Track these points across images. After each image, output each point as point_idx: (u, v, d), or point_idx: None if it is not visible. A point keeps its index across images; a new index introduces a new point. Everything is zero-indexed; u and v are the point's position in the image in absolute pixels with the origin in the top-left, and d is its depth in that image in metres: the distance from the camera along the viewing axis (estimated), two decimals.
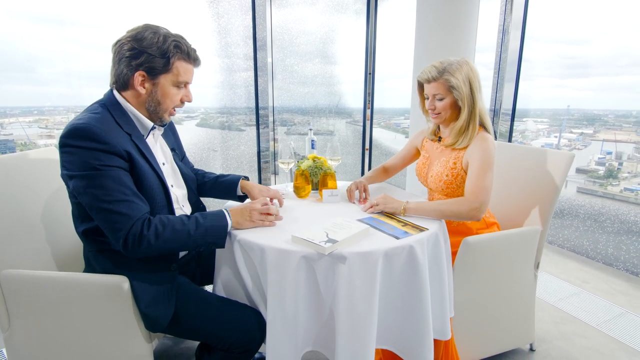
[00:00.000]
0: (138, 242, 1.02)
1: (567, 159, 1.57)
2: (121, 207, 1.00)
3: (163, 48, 1.07)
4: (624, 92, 3.02)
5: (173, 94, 1.14)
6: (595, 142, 3.23)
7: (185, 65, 1.13)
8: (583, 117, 3.37)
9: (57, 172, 1.47)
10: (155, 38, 1.07)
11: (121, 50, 1.07)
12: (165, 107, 1.15)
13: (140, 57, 1.06)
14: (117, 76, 1.11)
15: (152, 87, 1.11)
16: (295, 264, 1.08)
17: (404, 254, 1.13)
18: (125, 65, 1.08)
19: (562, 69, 3.25)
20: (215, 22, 3.03)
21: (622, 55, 2.94)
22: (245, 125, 3.48)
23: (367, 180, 1.65)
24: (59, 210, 1.41)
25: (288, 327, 1.10)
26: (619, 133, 3.10)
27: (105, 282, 1.10)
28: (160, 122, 1.18)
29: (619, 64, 2.97)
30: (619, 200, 2.83)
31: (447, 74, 1.42)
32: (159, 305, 1.12)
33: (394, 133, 4.99)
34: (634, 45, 2.83)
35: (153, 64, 1.07)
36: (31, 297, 1.15)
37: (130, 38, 1.07)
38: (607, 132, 3.18)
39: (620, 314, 2.03)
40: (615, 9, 2.91)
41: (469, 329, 1.52)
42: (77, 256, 1.43)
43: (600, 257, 2.67)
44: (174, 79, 1.12)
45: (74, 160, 1.00)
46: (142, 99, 1.12)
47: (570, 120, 3.38)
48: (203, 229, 1.10)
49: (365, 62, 4.22)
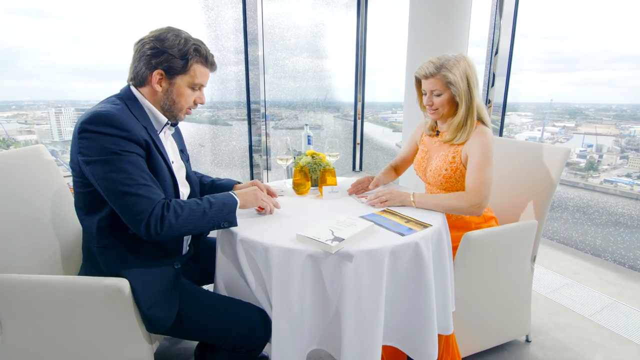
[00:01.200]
0: (160, 223, 1.03)
1: (563, 154, 1.59)
2: (142, 190, 1.02)
3: (183, 50, 1.11)
4: (604, 87, 3.13)
5: (188, 94, 1.17)
6: (577, 135, 3.33)
7: (202, 69, 1.16)
8: (565, 110, 3.46)
9: (46, 170, 1.44)
10: (177, 40, 1.10)
11: (142, 49, 1.10)
12: (180, 106, 1.18)
13: (161, 57, 1.09)
14: (135, 73, 1.13)
15: (169, 87, 1.14)
16: (301, 263, 1.06)
17: (409, 251, 1.13)
18: (145, 63, 1.10)
19: (545, 63, 3.32)
20: (205, 14, 2.96)
21: (602, 51, 3.04)
22: (233, 120, 3.42)
23: (378, 179, 1.64)
24: (52, 208, 1.36)
25: (294, 326, 1.08)
26: (600, 126, 3.19)
27: (105, 285, 1.06)
28: (175, 119, 1.21)
29: (600, 59, 3.07)
30: (600, 192, 2.91)
31: (445, 70, 1.41)
32: (162, 307, 1.09)
33: (381, 127, 5.01)
34: (613, 42, 2.94)
35: (172, 64, 1.11)
36: (24, 301, 1.10)
37: (153, 38, 1.10)
38: (588, 125, 3.28)
39: (610, 304, 2.08)
40: (595, 6, 2.99)
41: (468, 322, 1.53)
42: (69, 255, 1.39)
43: (589, 249, 2.73)
44: (190, 81, 1.15)
45: (92, 145, 1.00)
46: (158, 97, 1.15)
47: (553, 114, 3.46)
48: (216, 207, 1.13)
49: (356, 57, 4.21)
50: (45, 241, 1.33)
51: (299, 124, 3.97)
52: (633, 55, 2.86)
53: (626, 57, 2.92)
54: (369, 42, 4.16)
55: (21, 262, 1.20)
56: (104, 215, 1.09)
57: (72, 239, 1.46)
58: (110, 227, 1.10)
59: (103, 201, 1.07)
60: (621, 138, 3.09)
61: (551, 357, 1.68)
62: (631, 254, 2.51)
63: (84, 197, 1.10)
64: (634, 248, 2.52)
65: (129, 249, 1.12)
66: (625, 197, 2.83)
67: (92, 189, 1.07)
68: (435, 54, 1.48)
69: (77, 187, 1.11)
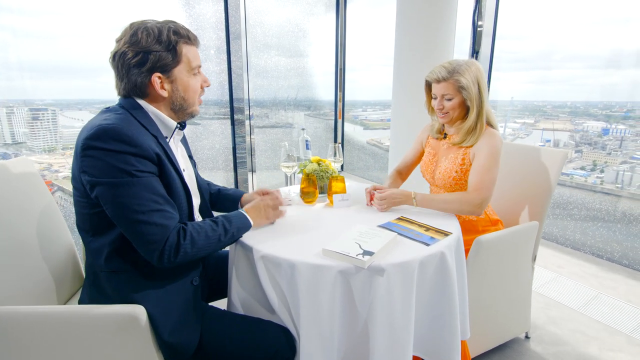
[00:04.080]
0: (175, 252, 0.96)
1: (561, 157, 1.64)
2: (156, 217, 0.93)
3: (163, 40, 0.98)
4: (559, 85, 3.35)
5: (192, 83, 1.07)
6: (536, 131, 3.53)
7: (191, 49, 1.05)
8: (525, 108, 3.65)
9: (31, 186, 1.30)
10: (150, 34, 0.97)
11: (125, 61, 0.98)
12: (191, 100, 1.08)
13: (149, 59, 0.98)
14: (130, 87, 1.01)
15: (172, 85, 1.03)
16: (332, 280, 1.02)
17: (435, 261, 1.12)
18: (137, 74, 0.99)
19: (504, 62, 3.48)
20: (185, 11, 2.81)
21: (556, 51, 3.25)
22: (213, 119, 3.29)
23: (389, 186, 1.63)
24: (38, 228, 1.23)
25: (324, 345, 1.04)
26: (557, 122, 3.40)
27: (118, 313, 0.97)
28: (191, 116, 1.11)
29: (554, 58, 3.28)
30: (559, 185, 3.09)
31: (457, 75, 1.42)
32: (184, 331, 1.02)
33: (352, 125, 5.05)
34: (565, 42, 3.16)
35: (163, 61, 0.99)
36: (20, 338, 0.98)
37: (128, 44, 0.97)
38: (546, 121, 3.49)
39: (595, 296, 2.20)
40: (547, 9, 3.20)
41: (476, 324, 1.55)
42: (61, 280, 1.27)
43: (569, 243, 2.88)
44: (187, 68, 1.04)
45: (99, 165, 0.90)
46: (166, 102, 1.05)
47: (514, 111, 3.64)
48: (231, 233, 1.09)
49: (336, 56, 4.19)
50: (33, 266, 1.20)
51: (282, 123, 3.90)
52: (584, 55, 3.09)
53: (578, 56, 3.15)
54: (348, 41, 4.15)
55: (8, 292, 1.08)
56: (113, 237, 0.99)
57: (63, 261, 1.34)
58: (122, 250, 1.00)
59: (111, 222, 0.97)
60: (575, 133, 3.31)
61: (550, 351, 1.75)
62: (608, 247, 2.67)
63: (90, 219, 0.99)
64: (610, 241, 2.68)
65: (144, 272, 1.02)
66: (580, 188, 3.03)
67: (99, 209, 0.96)
68: (423, 53, 1.49)
69: (80, 207, 1.00)
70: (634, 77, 2.84)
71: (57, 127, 2.88)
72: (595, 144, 3.18)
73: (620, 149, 3.02)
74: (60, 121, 2.87)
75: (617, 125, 3.05)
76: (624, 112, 3.02)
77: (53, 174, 2.84)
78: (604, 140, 3.12)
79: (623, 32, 2.82)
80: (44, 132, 2.84)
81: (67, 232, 1.38)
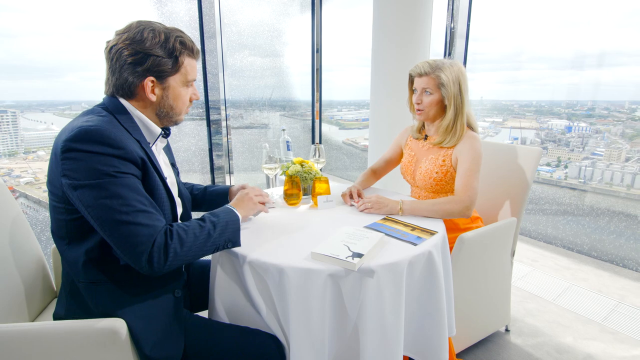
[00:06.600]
0: (164, 254, 0.90)
1: (536, 155, 1.69)
2: (141, 217, 0.88)
3: (169, 47, 0.96)
4: (525, 85, 3.51)
5: (183, 94, 1.05)
6: (505, 129, 3.68)
7: (192, 62, 1.05)
8: (494, 107, 3.80)
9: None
10: (156, 37, 0.95)
11: (121, 56, 0.94)
12: (178, 110, 1.06)
13: (147, 61, 0.95)
14: (119, 85, 0.97)
15: (163, 92, 1.01)
16: (322, 284, 1.00)
17: (423, 260, 1.12)
18: (130, 72, 0.95)
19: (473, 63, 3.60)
20: (157, 9, 2.71)
21: (521, 52, 3.40)
22: (185, 120, 3.19)
23: (359, 185, 1.62)
24: (10, 241, 1.15)
25: (316, 350, 1.02)
26: (523, 121, 3.56)
27: (97, 328, 0.91)
28: (175, 124, 1.09)
29: (521, 59, 3.41)
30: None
31: (439, 71, 1.45)
32: (167, 344, 0.97)
33: (328, 125, 5.07)
34: (531, 44, 3.31)
35: (161, 67, 0.97)
36: None
37: (129, 41, 0.94)
38: (514, 120, 3.65)
39: (568, 287, 2.29)
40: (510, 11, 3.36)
41: (460, 320, 1.58)
42: (32, 294, 1.19)
43: (542, 237, 2.99)
44: (183, 79, 1.03)
45: (81, 167, 0.86)
46: (153, 106, 1.01)
47: (483, 110, 3.76)
48: (220, 227, 1.04)
49: (312, 56, 4.17)
50: (2, 280, 1.12)
51: (257, 123, 3.84)
52: (549, 56, 3.25)
53: (543, 58, 3.30)
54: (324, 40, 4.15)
55: None
56: (92, 245, 0.93)
57: (33, 273, 1.26)
58: (101, 259, 0.94)
59: (91, 229, 0.91)
60: (541, 131, 3.47)
61: (529, 343, 1.80)
62: (578, 240, 2.80)
63: (67, 225, 0.93)
64: (579, 234, 2.80)
65: (123, 283, 0.97)
66: (546, 184, 3.18)
67: (77, 215, 0.91)
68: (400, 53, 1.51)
69: (57, 213, 0.93)
70: (595, 78, 3.00)
71: (18, 130, 2.71)
72: (559, 141, 3.34)
73: (582, 145, 3.17)
74: (21, 123, 2.71)
75: (579, 123, 3.20)
76: (586, 110, 3.18)
77: (14, 180, 2.67)
78: (567, 137, 3.28)
79: (585, 34, 2.97)
80: (4, 136, 2.67)
81: (35, 242, 1.30)
